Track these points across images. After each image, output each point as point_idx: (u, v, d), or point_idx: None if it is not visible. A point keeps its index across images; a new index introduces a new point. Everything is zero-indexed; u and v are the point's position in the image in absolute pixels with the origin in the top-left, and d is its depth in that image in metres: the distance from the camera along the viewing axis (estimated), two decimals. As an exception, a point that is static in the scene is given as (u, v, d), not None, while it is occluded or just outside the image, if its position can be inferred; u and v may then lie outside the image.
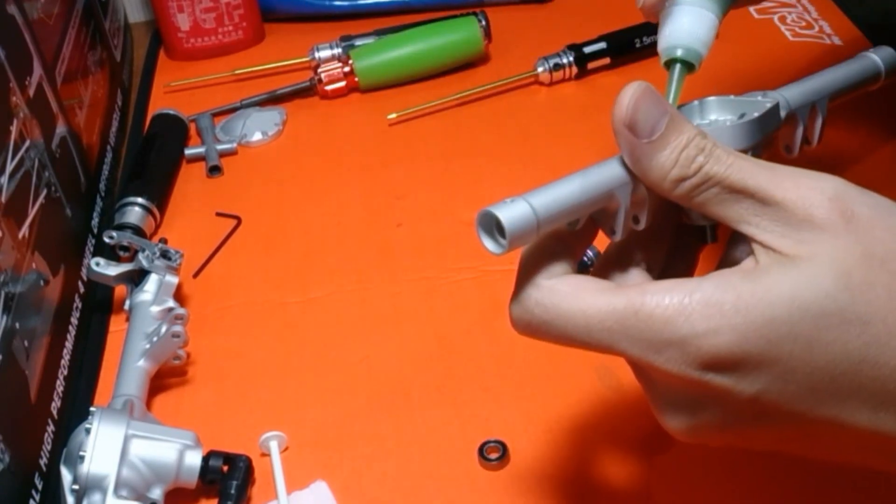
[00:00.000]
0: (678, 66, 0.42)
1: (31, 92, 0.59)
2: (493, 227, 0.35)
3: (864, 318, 0.33)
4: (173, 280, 0.57)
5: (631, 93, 0.35)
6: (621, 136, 0.35)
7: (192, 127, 0.78)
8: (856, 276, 0.33)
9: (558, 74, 0.78)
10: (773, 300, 0.34)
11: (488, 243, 0.35)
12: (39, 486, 0.49)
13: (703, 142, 0.35)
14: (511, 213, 0.34)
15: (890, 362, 0.33)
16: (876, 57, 0.45)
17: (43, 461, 0.50)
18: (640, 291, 0.35)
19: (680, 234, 0.41)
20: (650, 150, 0.35)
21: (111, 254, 0.62)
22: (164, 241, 0.60)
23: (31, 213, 0.55)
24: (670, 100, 0.42)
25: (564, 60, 0.77)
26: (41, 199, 0.57)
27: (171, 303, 0.57)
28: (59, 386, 0.55)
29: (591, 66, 0.78)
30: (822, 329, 0.33)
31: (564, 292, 0.36)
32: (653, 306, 0.34)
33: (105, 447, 0.46)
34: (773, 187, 0.34)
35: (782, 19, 0.81)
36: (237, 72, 0.83)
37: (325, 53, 0.82)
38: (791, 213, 0.34)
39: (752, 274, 0.34)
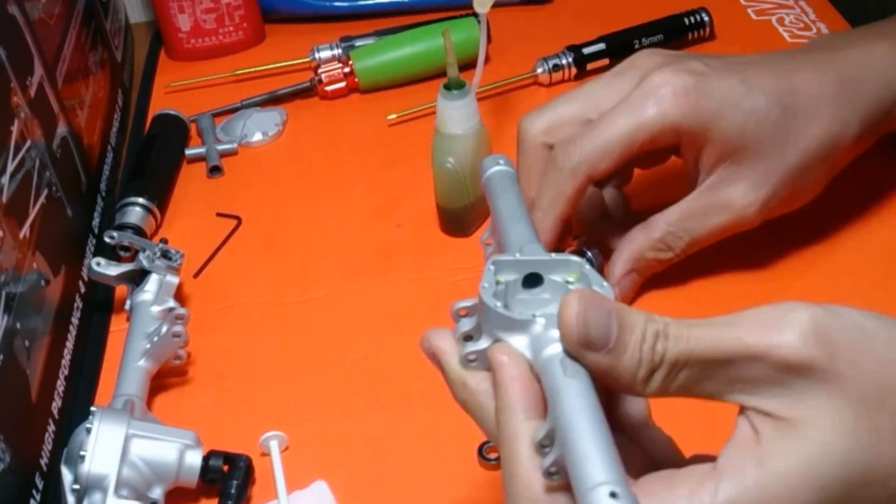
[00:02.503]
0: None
1: (32, 92, 0.59)
2: None
3: (882, 472, 0.31)
4: (174, 280, 0.58)
5: (575, 310, 0.31)
6: (582, 358, 0.32)
7: (193, 127, 0.78)
8: (861, 432, 0.30)
9: (557, 75, 0.78)
10: (795, 486, 0.30)
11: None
12: (40, 486, 0.49)
13: (654, 325, 0.31)
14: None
15: None
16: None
17: (43, 461, 0.50)
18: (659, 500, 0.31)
19: None
20: (613, 359, 0.31)
21: (112, 254, 0.62)
22: (164, 241, 0.60)
23: (32, 213, 0.55)
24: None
25: (563, 61, 0.77)
26: (42, 199, 0.57)
27: (171, 303, 0.57)
28: (60, 386, 0.55)
29: (590, 66, 0.78)
30: (850, 499, 0.31)
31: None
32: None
33: (106, 447, 0.46)
34: (740, 346, 0.31)
35: (780, 21, 0.81)
36: (237, 72, 0.83)
37: (325, 54, 0.82)
38: (772, 367, 0.31)
39: (762, 457, 0.31)
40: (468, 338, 0.37)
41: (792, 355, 0.30)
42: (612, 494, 0.27)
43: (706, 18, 0.79)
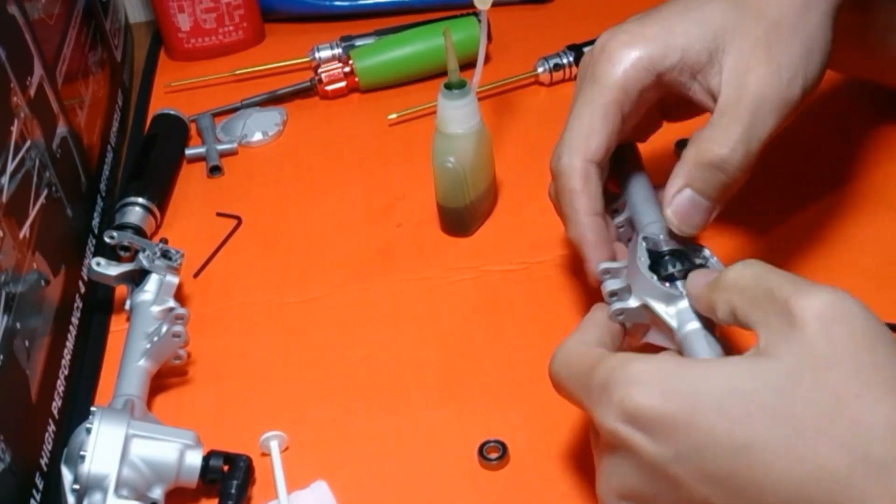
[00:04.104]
0: None
1: (32, 92, 0.59)
2: None
3: (798, 414, 0.34)
4: (174, 280, 0.57)
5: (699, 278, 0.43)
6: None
7: (193, 127, 0.78)
8: (805, 381, 0.34)
9: (558, 75, 0.78)
10: (710, 374, 0.35)
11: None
12: (40, 486, 0.49)
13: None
14: None
15: (815, 460, 0.33)
16: None
17: (44, 461, 0.50)
18: (607, 353, 0.40)
19: None
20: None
21: (112, 254, 0.62)
22: (164, 241, 0.60)
23: (32, 213, 0.55)
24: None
25: (564, 61, 0.77)
26: (42, 199, 0.57)
27: (171, 303, 0.57)
28: (60, 386, 0.55)
29: (591, 66, 0.78)
30: (750, 414, 0.34)
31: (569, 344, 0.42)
32: (605, 361, 0.38)
33: (106, 447, 0.46)
34: (788, 290, 0.36)
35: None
36: (237, 72, 0.83)
37: (325, 54, 0.82)
38: (790, 312, 0.35)
39: (709, 360, 0.37)
40: (613, 294, 0.45)
41: (804, 308, 0.35)
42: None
43: (706, 18, 0.79)
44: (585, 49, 0.77)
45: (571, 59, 0.77)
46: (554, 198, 0.51)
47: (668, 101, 0.51)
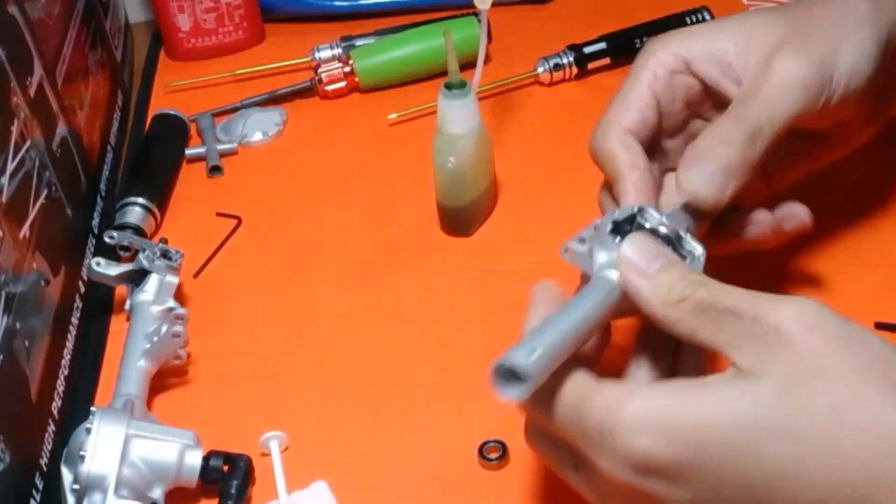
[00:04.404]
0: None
1: (32, 92, 0.59)
2: (507, 375, 0.38)
3: (802, 434, 0.33)
4: (174, 280, 0.57)
5: (640, 237, 0.41)
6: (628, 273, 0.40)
7: (193, 127, 0.78)
8: (799, 394, 0.34)
9: (558, 74, 0.78)
10: (709, 407, 0.35)
11: (509, 392, 0.38)
12: (40, 486, 0.49)
13: (694, 275, 0.39)
14: (524, 356, 0.37)
15: (829, 479, 0.33)
16: None
17: (43, 461, 0.50)
18: (594, 386, 0.37)
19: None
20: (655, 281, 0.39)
21: (112, 254, 0.62)
22: (164, 241, 0.60)
23: (32, 213, 0.55)
24: None
25: (564, 60, 0.77)
26: (42, 199, 0.57)
27: (171, 303, 0.57)
28: (60, 386, 0.55)
29: (591, 66, 0.78)
30: (756, 441, 0.34)
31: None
32: (595, 399, 0.36)
33: (106, 447, 0.46)
34: (752, 306, 0.36)
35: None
36: (237, 72, 0.83)
37: (325, 53, 0.82)
38: (762, 325, 0.35)
39: (699, 383, 0.36)
40: (581, 240, 0.44)
41: (784, 321, 0.35)
42: (531, 351, 0.38)
43: (707, 18, 0.79)
44: (585, 49, 0.78)
45: (571, 59, 0.77)
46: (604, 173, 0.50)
47: (712, 95, 0.51)
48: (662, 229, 0.42)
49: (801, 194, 0.61)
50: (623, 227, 0.42)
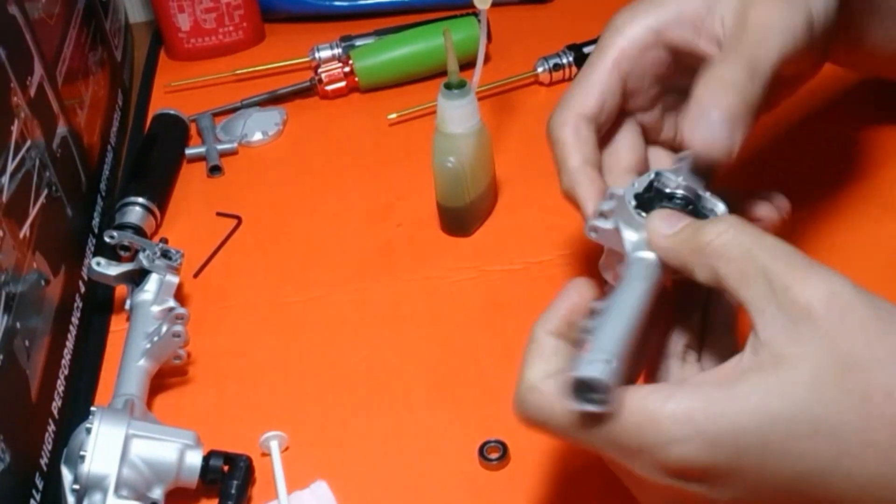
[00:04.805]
0: None
1: (32, 92, 0.59)
2: (583, 390, 0.35)
3: (835, 428, 0.33)
4: (174, 280, 0.57)
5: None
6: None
7: (193, 127, 0.78)
8: (830, 386, 0.33)
9: (558, 74, 0.78)
10: (743, 409, 0.34)
11: (590, 407, 0.35)
12: (40, 486, 0.49)
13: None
14: (601, 370, 0.35)
15: (864, 472, 0.33)
16: None
17: (43, 461, 0.50)
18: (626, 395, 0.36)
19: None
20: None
21: (112, 253, 0.62)
22: (164, 240, 0.60)
23: (32, 212, 0.55)
24: None
25: (564, 60, 0.77)
26: (42, 198, 0.57)
27: (171, 302, 0.57)
28: (60, 385, 0.55)
29: (591, 66, 0.78)
30: (792, 439, 0.33)
31: (548, 393, 0.37)
32: (627, 412, 0.35)
33: (106, 447, 0.46)
34: (782, 268, 0.35)
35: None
36: (237, 72, 0.83)
37: (325, 53, 0.82)
38: (790, 299, 0.34)
39: (728, 381, 0.35)
40: (601, 214, 0.43)
41: (815, 302, 0.34)
42: (607, 361, 0.35)
43: (707, 18, 0.79)
44: (585, 49, 0.78)
45: (571, 59, 0.77)
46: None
47: (684, 64, 0.49)
48: (680, 192, 0.42)
49: (801, 191, 0.61)
50: (644, 198, 0.42)
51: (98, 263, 0.59)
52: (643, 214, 0.41)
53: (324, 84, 0.79)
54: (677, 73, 0.49)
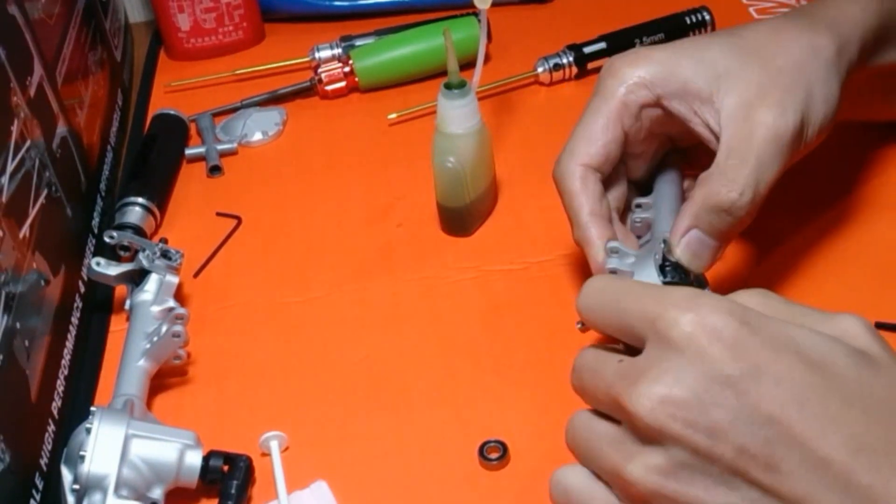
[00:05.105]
0: None
1: (32, 92, 0.59)
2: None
3: (870, 394, 0.35)
4: (174, 280, 0.57)
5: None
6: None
7: (193, 127, 0.78)
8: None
9: (558, 74, 0.78)
10: (799, 332, 0.36)
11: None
12: (40, 486, 0.49)
13: None
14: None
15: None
16: None
17: (43, 461, 0.50)
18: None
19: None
20: None
21: (112, 254, 0.62)
22: (164, 240, 0.60)
23: (32, 213, 0.55)
24: None
25: (564, 60, 0.77)
26: (42, 198, 0.57)
27: (171, 302, 0.57)
28: (60, 386, 0.55)
29: (590, 66, 0.78)
30: (829, 379, 0.35)
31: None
32: (684, 288, 0.38)
33: (105, 447, 0.46)
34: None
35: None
36: (237, 72, 0.83)
37: (325, 53, 0.82)
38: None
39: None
40: (613, 272, 0.48)
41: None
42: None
43: (707, 17, 0.79)
44: (585, 49, 0.78)
45: (571, 59, 0.77)
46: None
47: (675, 134, 0.53)
48: (672, 259, 0.48)
49: (801, 193, 0.61)
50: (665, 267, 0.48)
51: (98, 263, 0.59)
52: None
53: (324, 84, 0.79)
54: (670, 130, 0.52)
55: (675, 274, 0.47)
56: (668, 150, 0.55)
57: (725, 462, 0.34)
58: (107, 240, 0.61)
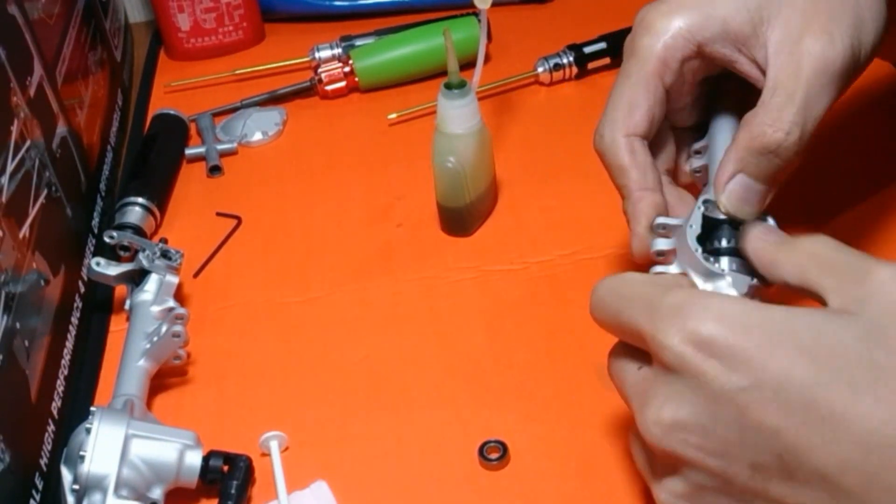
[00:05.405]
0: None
1: (32, 92, 0.59)
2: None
3: (881, 366, 0.33)
4: (173, 280, 0.57)
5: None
6: None
7: (193, 127, 0.78)
8: (884, 335, 0.33)
9: (558, 74, 0.78)
10: (795, 318, 0.34)
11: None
12: (40, 486, 0.49)
13: None
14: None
15: (872, 418, 0.32)
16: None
17: (43, 461, 0.50)
18: (683, 280, 0.40)
19: None
20: None
21: (112, 254, 0.62)
22: (164, 240, 0.60)
23: (32, 212, 0.55)
24: None
25: (564, 60, 0.77)
26: (42, 198, 0.57)
27: (171, 302, 0.57)
28: (60, 386, 0.55)
29: (591, 66, 0.78)
30: (836, 358, 0.33)
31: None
32: (683, 287, 0.37)
33: (105, 447, 0.46)
34: (872, 265, 0.36)
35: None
36: (237, 72, 0.83)
37: (325, 53, 0.82)
38: (866, 277, 0.35)
39: (793, 307, 0.35)
40: (661, 254, 0.45)
41: (884, 276, 0.34)
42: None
43: (707, 18, 0.78)
44: (585, 49, 0.78)
45: (571, 58, 0.77)
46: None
47: (716, 77, 0.49)
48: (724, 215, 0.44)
49: (802, 190, 0.61)
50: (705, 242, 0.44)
51: (98, 263, 0.59)
52: (722, 262, 0.42)
53: (324, 84, 0.79)
54: (713, 75, 0.48)
55: (722, 237, 0.44)
56: (720, 89, 0.50)
57: (741, 482, 0.33)
58: (107, 240, 0.61)
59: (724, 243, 0.43)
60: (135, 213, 0.66)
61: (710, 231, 0.44)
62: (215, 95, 0.82)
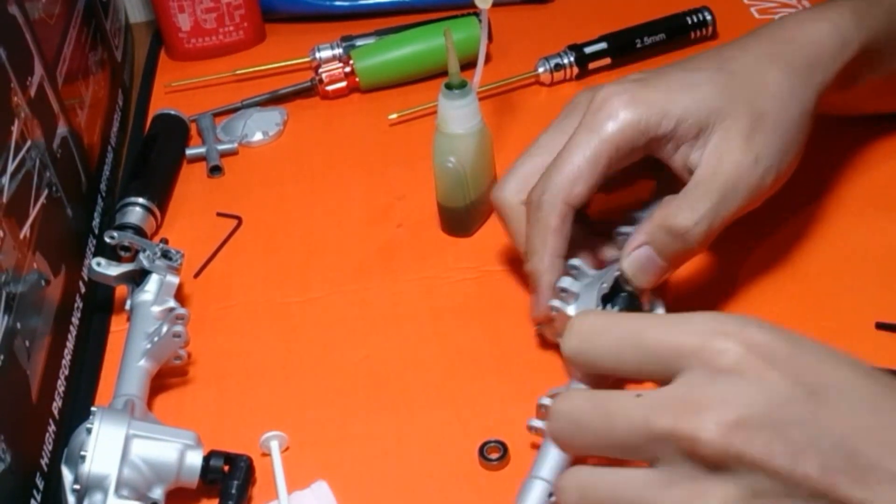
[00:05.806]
0: None
1: (33, 92, 0.59)
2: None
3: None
4: (174, 280, 0.57)
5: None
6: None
7: (193, 127, 0.78)
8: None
9: (559, 75, 0.78)
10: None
11: None
12: (40, 486, 0.49)
13: None
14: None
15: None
16: None
17: (44, 461, 0.50)
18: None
19: None
20: None
21: (112, 254, 0.62)
22: (164, 241, 0.60)
23: (33, 213, 0.55)
24: None
25: (565, 60, 0.77)
26: (42, 199, 0.57)
27: (171, 303, 0.57)
28: (61, 386, 0.55)
29: (591, 66, 0.78)
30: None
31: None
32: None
33: (106, 447, 0.46)
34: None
35: (783, 19, 0.81)
36: (238, 72, 0.83)
37: (325, 53, 0.82)
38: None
39: None
40: (564, 291, 0.50)
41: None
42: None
43: (708, 17, 0.79)
44: (586, 49, 0.78)
45: (572, 59, 0.77)
46: (508, 224, 0.55)
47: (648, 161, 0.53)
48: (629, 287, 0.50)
49: (801, 192, 0.61)
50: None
51: (98, 264, 0.59)
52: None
53: (324, 84, 0.79)
54: (643, 157, 0.52)
55: (621, 302, 0.49)
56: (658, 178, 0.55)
57: (811, 482, 0.33)
58: (107, 240, 0.61)
59: (620, 307, 0.49)
60: (135, 213, 0.66)
61: (614, 294, 0.49)
62: (216, 95, 0.82)
